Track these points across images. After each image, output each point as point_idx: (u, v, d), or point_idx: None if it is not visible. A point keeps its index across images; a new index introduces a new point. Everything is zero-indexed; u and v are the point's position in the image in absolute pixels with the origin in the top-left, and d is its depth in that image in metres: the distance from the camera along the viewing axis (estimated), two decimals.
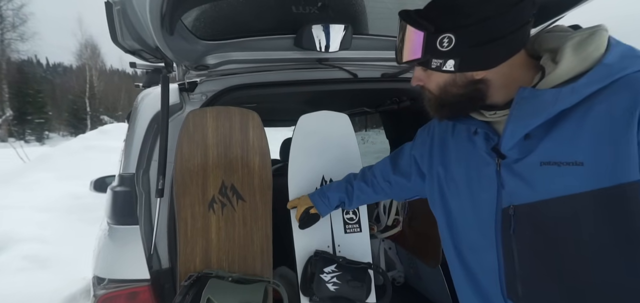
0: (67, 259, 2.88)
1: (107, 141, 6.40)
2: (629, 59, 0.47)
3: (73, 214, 3.88)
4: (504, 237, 0.57)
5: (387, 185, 0.91)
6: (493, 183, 0.58)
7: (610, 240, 0.46)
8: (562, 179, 0.48)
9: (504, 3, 0.50)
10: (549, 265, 0.52)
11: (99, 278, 0.92)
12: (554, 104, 0.48)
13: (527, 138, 0.52)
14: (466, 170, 0.63)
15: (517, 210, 0.54)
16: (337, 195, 0.99)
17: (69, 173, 5.16)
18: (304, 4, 1.00)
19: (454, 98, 0.57)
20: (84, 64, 23.96)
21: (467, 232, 0.64)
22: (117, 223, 0.97)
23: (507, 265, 0.57)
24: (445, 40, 0.52)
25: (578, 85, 0.47)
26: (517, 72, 0.55)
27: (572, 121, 0.48)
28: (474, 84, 0.55)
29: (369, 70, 1.31)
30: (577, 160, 0.47)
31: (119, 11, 0.69)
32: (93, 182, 1.95)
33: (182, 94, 1.12)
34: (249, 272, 1.07)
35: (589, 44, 0.49)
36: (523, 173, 0.53)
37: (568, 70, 0.49)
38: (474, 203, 0.61)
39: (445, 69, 0.54)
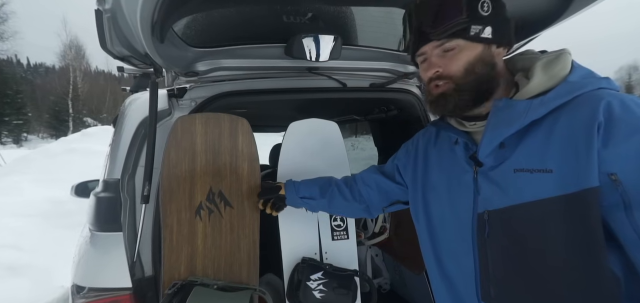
0: (44, 267, 2.75)
1: (90, 144, 6.20)
2: (588, 79, 0.53)
3: (51, 220, 3.73)
4: (479, 241, 0.60)
5: (366, 188, 0.91)
6: (470, 190, 0.61)
7: (574, 243, 0.49)
8: (533, 185, 0.52)
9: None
10: (518, 267, 0.55)
11: (78, 286, 0.90)
12: (526, 114, 0.52)
13: (501, 147, 0.56)
14: (447, 179, 0.66)
15: (491, 215, 0.58)
16: (309, 189, 1.00)
17: (48, 177, 4.96)
18: (294, 14, 1.02)
19: (477, 80, 0.57)
20: (68, 65, 23.22)
21: (447, 238, 0.67)
22: (99, 229, 0.95)
23: (482, 268, 0.60)
24: (485, 4, 0.55)
25: (547, 98, 0.52)
26: (506, 77, 0.61)
27: (542, 131, 0.52)
28: (493, 67, 0.58)
29: (358, 80, 1.34)
30: (547, 167, 0.50)
31: (109, 18, 0.69)
32: (74, 186, 1.89)
33: (170, 99, 1.12)
34: (235, 280, 1.06)
35: (556, 64, 0.55)
36: (498, 180, 0.56)
37: (538, 86, 0.55)
38: (454, 209, 0.64)
39: (483, 35, 0.56)
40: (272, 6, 0.96)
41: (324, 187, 0.98)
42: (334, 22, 1.09)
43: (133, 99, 1.14)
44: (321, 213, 1.21)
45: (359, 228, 1.63)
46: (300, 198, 1.01)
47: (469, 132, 0.64)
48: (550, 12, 0.86)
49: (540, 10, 0.86)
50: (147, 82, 0.99)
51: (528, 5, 0.85)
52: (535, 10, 0.87)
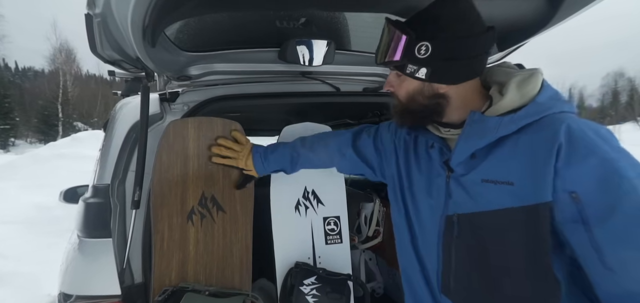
0: (30, 275, 2.68)
1: (80, 149, 6.09)
2: (554, 101, 0.57)
3: (38, 226, 3.63)
4: (445, 239, 0.66)
5: (340, 157, 0.97)
6: (442, 193, 0.66)
7: (527, 248, 0.55)
8: (497, 195, 0.57)
9: (472, 29, 0.60)
10: (479, 269, 0.61)
11: (65, 294, 0.88)
12: (497, 130, 0.57)
13: (472, 157, 0.61)
14: (424, 179, 0.71)
15: (461, 218, 0.63)
16: (279, 163, 1.03)
17: (35, 183, 4.85)
18: (288, 19, 1.03)
19: (419, 107, 0.65)
20: (58, 69, 22.80)
21: (421, 231, 0.73)
22: (88, 236, 0.93)
23: (445, 264, 0.66)
24: (422, 48, 0.60)
25: (517, 116, 0.56)
26: (472, 96, 0.64)
27: (508, 146, 0.57)
28: (437, 97, 0.63)
29: (351, 84, 1.35)
30: (509, 180, 0.56)
31: (99, 23, 0.68)
32: (63, 192, 1.85)
33: (162, 104, 1.11)
34: (228, 285, 1.05)
35: (528, 83, 0.59)
36: (467, 187, 0.62)
37: (511, 103, 0.59)
38: (427, 207, 0.70)
39: (417, 75, 0.62)
40: (265, 11, 0.97)
41: (294, 160, 1.03)
42: (327, 27, 1.10)
43: (124, 103, 1.13)
44: (314, 219, 1.21)
45: (353, 232, 1.63)
46: (270, 172, 1.06)
47: (444, 137, 0.68)
48: (537, 20, 0.88)
49: (527, 18, 0.89)
50: (138, 86, 0.98)
51: (515, 13, 0.87)
52: (522, 18, 0.89)
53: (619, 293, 0.48)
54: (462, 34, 0.59)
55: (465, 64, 0.61)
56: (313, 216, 1.21)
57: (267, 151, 1.04)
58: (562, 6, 0.81)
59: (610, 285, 0.49)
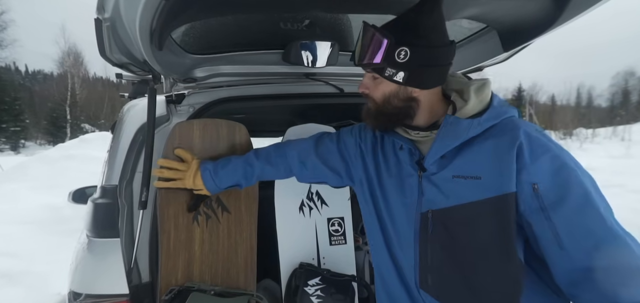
0: (40, 274, 2.73)
1: (88, 150, 6.19)
2: (504, 107, 0.66)
3: (48, 226, 3.70)
4: (421, 236, 0.70)
5: (300, 166, 0.92)
6: (415, 191, 0.70)
7: (494, 235, 0.61)
8: (467, 189, 0.63)
9: (443, 39, 0.67)
10: (453, 259, 0.66)
11: (75, 293, 0.89)
12: (468, 131, 0.64)
13: (442, 158, 0.67)
14: (395, 179, 0.74)
15: (434, 214, 0.67)
16: (232, 178, 0.93)
17: (45, 184, 4.94)
18: (292, 21, 1.03)
19: (393, 109, 0.69)
20: (66, 72, 23.22)
21: (393, 229, 0.75)
22: (97, 236, 0.95)
23: (422, 260, 0.70)
24: (402, 52, 0.64)
25: (482, 119, 0.64)
26: (437, 101, 0.71)
27: (475, 146, 0.64)
28: (410, 100, 0.69)
29: (355, 85, 1.35)
30: (477, 175, 0.62)
31: (108, 27, 0.70)
32: (72, 192, 1.88)
33: (169, 105, 1.12)
34: (232, 285, 1.06)
35: (483, 90, 0.67)
36: (439, 184, 0.67)
37: (473, 108, 0.66)
38: (401, 207, 0.73)
39: (395, 79, 0.66)
40: (270, 13, 0.98)
41: (248, 173, 0.94)
42: (330, 29, 1.11)
43: (131, 105, 1.15)
44: (319, 220, 1.21)
45: (357, 233, 1.63)
46: (223, 188, 0.95)
47: (413, 140, 0.73)
48: (543, 20, 0.87)
49: (533, 18, 0.88)
50: (145, 89, 0.99)
51: (521, 13, 0.87)
52: (527, 18, 0.89)
53: (570, 268, 0.56)
54: (436, 43, 0.65)
55: (436, 71, 0.67)
56: (317, 217, 1.21)
57: (217, 166, 0.94)
58: (568, 6, 0.80)
59: (564, 263, 0.57)
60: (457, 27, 1.05)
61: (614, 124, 19.01)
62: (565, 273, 0.57)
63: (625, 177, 5.23)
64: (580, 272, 0.55)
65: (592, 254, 0.54)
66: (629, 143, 11.28)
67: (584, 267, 0.55)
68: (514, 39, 0.98)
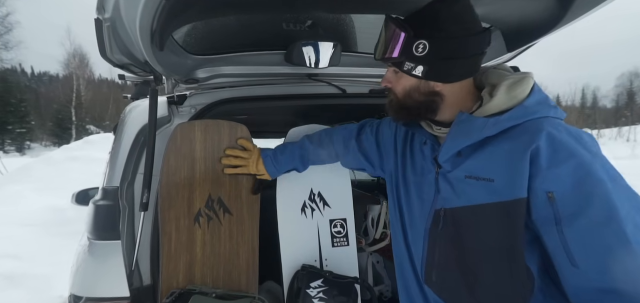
0: (43, 276, 2.73)
1: (92, 152, 6.23)
2: (541, 105, 0.60)
3: (52, 228, 3.72)
4: (431, 233, 0.69)
5: (344, 150, 0.99)
6: (432, 188, 0.69)
7: (502, 240, 0.59)
8: (478, 191, 0.61)
9: (469, 29, 0.62)
10: (458, 259, 0.65)
11: (75, 296, 0.89)
12: (482, 131, 0.60)
13: (459, 155, 0.64)
14: (418, 175, 0.74)
15: (446, 212, 0.66)
16: (290, 162, 1.04)
17: (49, 185, 4.97)
18: (294, 21, 1.03)
19: (414, 104, 0.67)
20: (71, 73, 23.44)
21: (411, 224, 0.76)
22: (98, 238, 0.95)
23: (428, 256, 0.70)
24: (420, 46, 0.62)
25: (501, 119, 0.59)
26: (464, 96, 0.66)
27: (492, 146, 0.60)
28: (433, 95, 0.66)
29: (357, 86, 1.34)
30: (490, 177, 0.59)
31: (108, 27, 0.69)
32: (75, 194, 1.88)
33: (170, 106, 1.12)
34: (234, 288, 1.05)
35: (517, 86, 0.61)
36: (453, 183, 0.65)
37: (498, 105, 0.61)
38: (419, 202, 0.73)
39: (414, 73, 0.64)
40: (272, 14, 0.97)
41: (304, 157, 1.04)
42: (333, 29, 1.10)
43: (133, 106, 1.14)
44: (321, 221, 1.20)
45: (360, 235, 1.61)
46: (283, 172, 1.06)
47: (436, 135, 0.71)
48: (547, 20, 0.86)
49: (537, 18, 0.86)
50: (147, 90, 0.99)
51: (525, 13, 0.85)
52: (532, 18, 0.87)
53: (582, 287, 0.52)
54: (458, 34, 0.61)
55: (460, 64, 0.63)
56: (319, 218, 1.20)
57: (276, 153, 1.05)
58: (573, 6, 0.79)
59: (575, 280, 0.53)
60: None
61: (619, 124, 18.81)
62: (575, 292, 0.53)
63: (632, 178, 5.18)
64: (592, 294, 0.51)
65: (605, 276, 0.49)
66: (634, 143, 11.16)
67: (597, 289, 0.50)
68: (518, 39, 0.96)
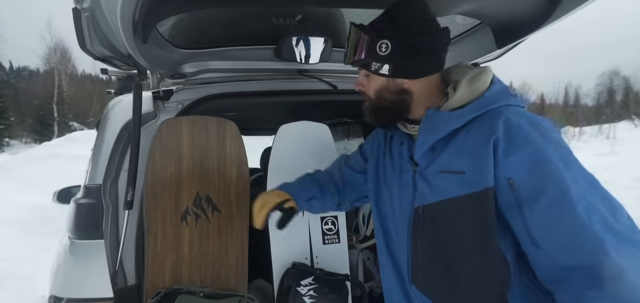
0: (25, 276, 2.64)
1: (74, 149, 6.03)
2: (499, 95, 0.62)
3: (34, 227, 3.58)
4: (413, 232, 0.70)
5: (342, 182, 0.93)
6: (410, 186, 0.70)
7: (476, 231, 0.60)
8: (451, 184, 0.62)
9: (428, 26, 0.66)
10: (439, 255, 0.66)
11: (56, 297, 0.86)
12: (448, 124, 0.63)
13: (433, 151, 0.66)
14: (396, 175, 0.75)
15: (425, 209, 0.67)
16: (310, 189, 0.91)
17: (30, 183, 4.79)
18: (284, 16, 1.01)
19: (387, 104, 0.69)
20: (53, 68, 22.56)
21: (393, 226, 0.76)
22: (79, 237, 0.91)
23: (413, 256, 0.70)
24: (383, 45, 0.65)
25: (463, 111, 0.62)
26: (432, 92, 0.69)
27: (460, 139, 0.62)
28: (402, 93, 0.68)
29: (349, 82, 1.34)
30: (461, 169, 0.61)
31: (88, 17, 0.66)
32: (57, 192, 1.82)
33: (156, 102, 1.09)
34: (223, 287, 1.03)
35: (477, 80, 0.64)
36: (428, 179, 0.66)
37: (461, 99, 0.64)
38: (400, 203, 0.73)
39: (381, 72, 0.67)
40: (261, 7, 0.95)
41: (323, 186, 0.92)
42: (324, 24, 1.09)
43: (116, 101, 1.11)
44: (312, 219, 1.19)
45: (351, 232, 1.62)
46: (306, 201, 0.91)
47: (411, 134, 0.72)
48: (535, 16, 0.87)
49: (525, 15, 0.88)
50: (131, 84, 0.96)
51: (515, 9, 0.86)
52: (520, 15, 0.88)
53: (547, 266, 0.55)
54: (417, 31, 0.64)
55: (424, 60, 0.66)
56: (310, 216, 1.19)
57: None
58: (562, 3, 0.80)
59: (540, 260, 0.56)
60: (450, 23, 1.04)
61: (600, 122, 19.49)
62: (542, 271, 0.56)
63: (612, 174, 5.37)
64: (556, 271, 0.54)
65: (565, 253, 0.52)
66: (614, 141, 11.57)
67: (560, 266, 0.53)
68: (507, 35, 0.97)
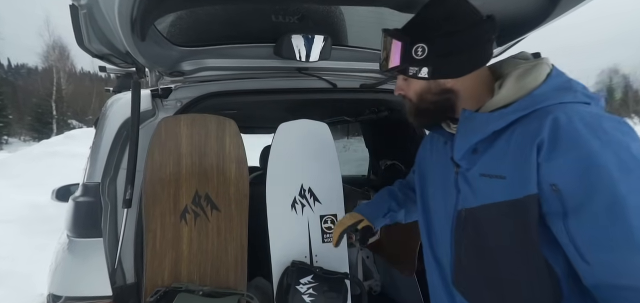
0: (24, 275, 2.64)
1: (73, 147, 6.02)
2: (555, 92, 0.56)
3: (32, 225, 3.58)
4: (456, 234, 0.68)
5: (411, 194, 0.95)
6: (453, 188, 0.68)
7: (517, 241, 0.56)
8: (491, 189, 0.58)
9: (465, 22, 0.61)
10: (480, 260, 0.63)
11: (54, 296, 0.85)
12: (487, 126, 0.58)
13: (474, 152, 0.62)
14: (441, 176, 0.73)
15: (467, 213, 0.65)
16: (383, 208, 0.99)
17: (28, 181, 4.78)
18: (283, 13, 1.00)
19: (429, 105, 0.66)
20: (51, 66, 22.46)
21: (437, 228, 0.75)
22: (78, 236, 0.91)
23: (456, 258, 0.68)
24: (419, 49, 0.62)
25: (506, 111, 0.57)
26: (480, 88, 0.64)
27: (503, 141, 0.57)
28: (445, 92, 0.65)
29: (348, 81, 1.33)
30: (501, 174, 0.57)
31: (85, 14, 0.65)
32: (56, 190, 1.82)
33: (154, 100, 1.08)
34: (222, 285, 1.03)
35: (528, 75, 0.58)
36: (470, 182, 0.63)
37: (505, 97, 0.59)
38: (444, 204, 0.71)
39: (420, 75, 0.64)
40: (260, 5, 0.94)
41: (399, 196, 0.99)
42: (323, 22, 1.08)
43: (115, 99, 1.10)
44: (311, 217, 1.19)
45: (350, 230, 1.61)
46: (382, 218, 0.99)
47: (453, 133, 0.69)
48: (537, 13, 0.87)
49: (526, 12, 0.87)
50: (129, 82, 0.95)
51: (515, 7, 0.86)
52: (522, 12, 0.88)
53: (598, 283, 0.49)
54: (454, 29, 0.61)
55: (465, 57, 0.62)
56: (310, 214, 1.19)
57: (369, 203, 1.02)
58: (561, 2, 0.80)
59: (589, 276, 0.50)
60: None
61: None
62: (593, 288, 0.50)
63: None
64: (608, 290, 0.48)
65: (615, 272, 0.47)
66: None
67: (611, 285, 0.48)
68: (507, 33, 0.97)
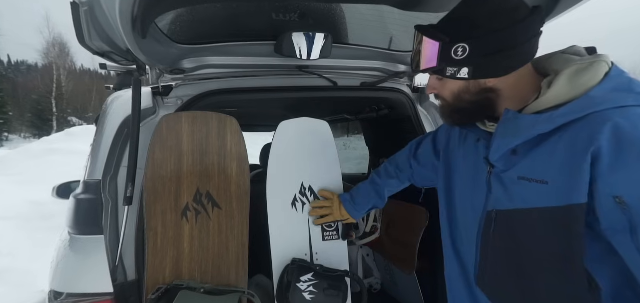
0: (24, 271, 2.65)
1: (73, 144, 6.02)
2: (616, 94, 0.50)
3: (33, 222, 3.59)
4: (484, 235, 0.65)
5: (410, 171, 0.99)
6: (484, 188, 0.65)
7: (558, 250, 0.53)
8: (531, 194, 0.55)
9: (511, 19, 0.56)
10: (512, 264, 0.61)
11: (56, 292, 0.86)
12: (532, 128, 0.54)
13: (513, 153, 0.58)
14: (470, 173, 0.70)
15: (498, 214, 0.62)
16: (368, 201, 1.07)
17: (28, 178, 4.79)
18: (284, 11, 1.00)
19: (467, 105, 0.62)
20: (51, 63, 22.44)
21: (462, 225, 0.73)
22: (79, 233, 0.91)
23: (482, 258, 0.66)
24: (459, 49, 0.58)
25: (555, 114, 0.52)
26: (524, 86, 0.59)
27: (549, 145, 0.53)
28: (485, 92, 0.60)
29: (349, 79, 1.33)
30: (543, 179, 0.53)
31: (86, 12, 0.65)
32: (56, 187, 1.82)
33: (155, 97, 1.08)
34: (223, 283, 1.04)
35: (585, 74, 0.53)
36: (506, 184, 0.60)
37: (557, 97, 0.53)
38: (471, 201, 0.69)
39: (459, 76, 0.60)
40: (260, 3, 0.94)
41: (379, 192, 1.05)
42: (324, 20, 1.08)
43: (116, 96, 1.10)
44: None
45: (350, 228, 1.62)
46: (365, 212, 1.10)
47: (490, 132, 0.65)
48: None
49: None
50: (130, 80, 0.95)
51: None
52: None
53: None
54: (499, 27, 0.55)
55: (509, 55, 0.57)
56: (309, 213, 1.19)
57: (353, 195, 1.09)
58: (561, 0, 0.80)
59: None
60: None
61: None
62: None
63: None
64: None
65: None
66: None
67: None
68: None
